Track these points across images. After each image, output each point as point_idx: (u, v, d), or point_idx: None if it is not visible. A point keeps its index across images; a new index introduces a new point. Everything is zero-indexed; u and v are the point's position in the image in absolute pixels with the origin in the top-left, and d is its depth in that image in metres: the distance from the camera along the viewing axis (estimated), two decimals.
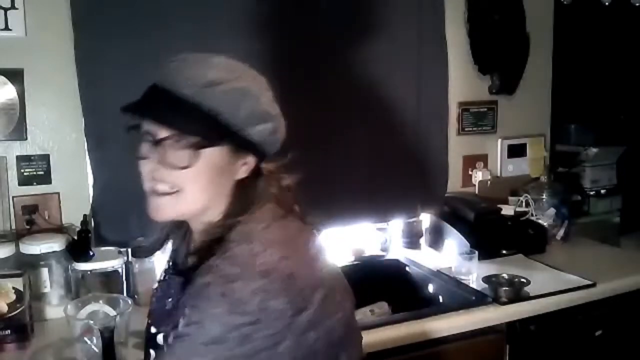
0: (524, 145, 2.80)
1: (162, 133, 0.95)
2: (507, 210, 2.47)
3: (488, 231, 2.30)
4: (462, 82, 2.59)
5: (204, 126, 0.95)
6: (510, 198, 2.64)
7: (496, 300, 1.88)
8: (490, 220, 2.36)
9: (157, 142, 0.95)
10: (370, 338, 1.55)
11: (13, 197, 1.93)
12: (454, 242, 2.26)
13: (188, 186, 0.97)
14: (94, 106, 1.94)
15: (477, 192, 2.66)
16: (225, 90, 0.96)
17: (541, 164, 2.82)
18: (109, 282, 1.86)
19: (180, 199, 0.97)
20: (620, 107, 3.07)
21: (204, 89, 0.95)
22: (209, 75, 0.96)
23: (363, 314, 2.04)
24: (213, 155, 0.97)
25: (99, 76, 1.93)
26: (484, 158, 2.72)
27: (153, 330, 1.06)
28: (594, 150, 2.89)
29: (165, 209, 0.99)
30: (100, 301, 1.47)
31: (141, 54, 1.93)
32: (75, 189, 1.99)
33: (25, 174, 1.94)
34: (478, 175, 2.66)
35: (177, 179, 0.96)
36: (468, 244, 2.19)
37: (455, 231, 2.29)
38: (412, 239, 2.47)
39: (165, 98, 0.95)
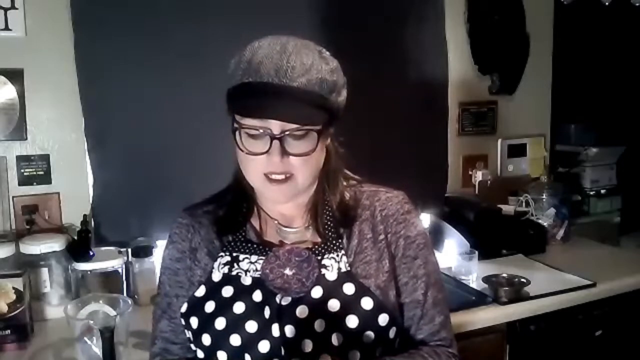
0: (524, 145, 2.80)
1: (282, 128, 0.96)
2: (507, 210, 2.47)
3: (488, 231, 2.30)
4: (462, 82, 2.59)
5: (321, 113, 0.98)
6: (510, 198, 2.64)
7: (496, 300, 1.88)
8: (490, 220, 2.36)
9: (278, 137, 0.96)
10: None
11: (13, 197, 1.93)
12: (454, 242, 2.26)
13: (300, 169, 1.00)
14: (94, 106, 1.95)
15: (477, 192, 2.65)
16: (326, 70, 0.98)
17: (541, 164, 2.82)
18: (109, 282, 1.86)
19: (296, 181, 1.01)
20: (620, 107, 3.07)
21: (309, 76, 0.95)
22: (306, 61, 0.96)
23: None
24: (325, 136, 1.03)
25: (99, 76, 1.93)
26: (484, 158, 2.72)
27: (287, 298, 1.02)
28: (594, 150, 2.89)
29: (285, 194, 1.02)
30: (100, 301, 1.47)
31: (141, 54, 1.94)
32: (75, 189, 1.99)
33: (25, 174, 1.94)
34: (478, 175, 2.66)
35: (292, 166, 0.99)
36: (468, 244, 2.18)
37: (455, 231, 2.29)
38: None
39: (280, 93, 0.94)
